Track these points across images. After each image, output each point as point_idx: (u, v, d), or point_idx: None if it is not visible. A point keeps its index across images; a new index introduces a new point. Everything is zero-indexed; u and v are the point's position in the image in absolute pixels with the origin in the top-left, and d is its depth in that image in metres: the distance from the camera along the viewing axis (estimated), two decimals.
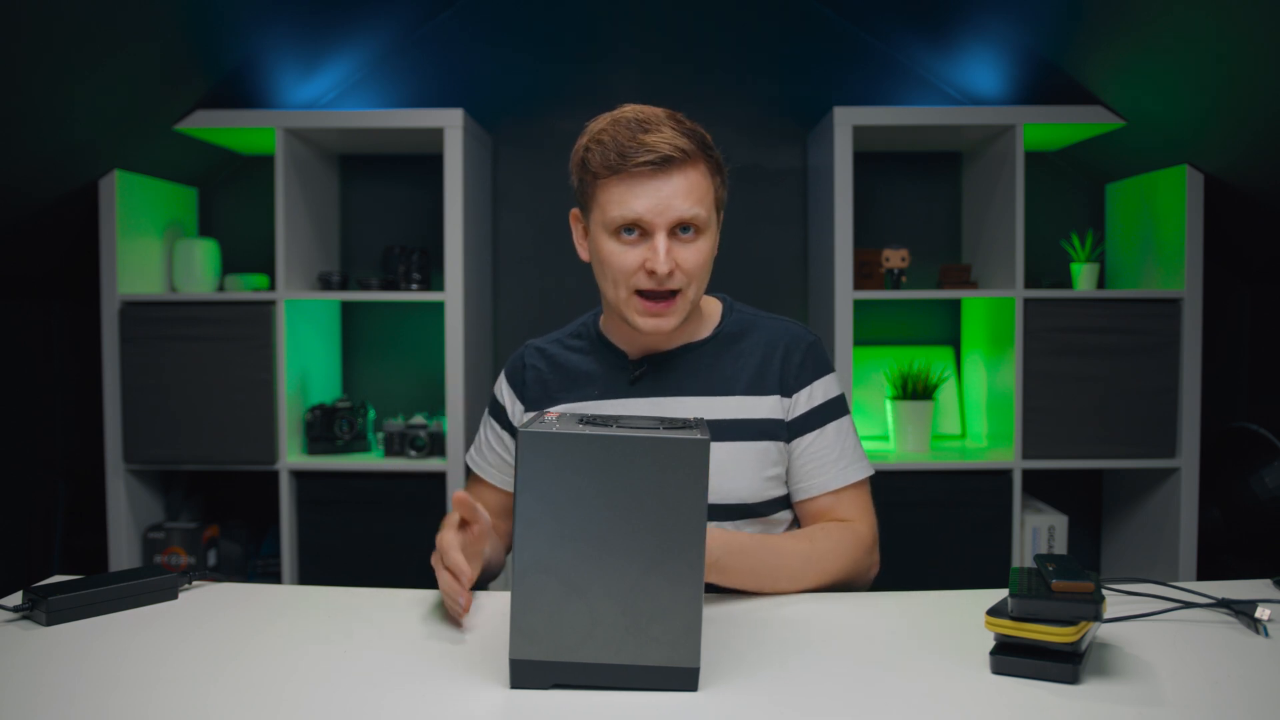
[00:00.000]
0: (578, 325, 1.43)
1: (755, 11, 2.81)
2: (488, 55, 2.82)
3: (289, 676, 0.95)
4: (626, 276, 1.24)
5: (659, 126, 1.21)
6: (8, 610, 1.11)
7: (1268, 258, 2.63)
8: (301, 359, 2.56)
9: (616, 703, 0.88)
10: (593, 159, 1.23)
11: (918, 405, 2.53)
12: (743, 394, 1.32)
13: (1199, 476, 2.42)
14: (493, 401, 1.44)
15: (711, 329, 1.37)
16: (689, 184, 1.22)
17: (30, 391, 2.66)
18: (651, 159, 1.19)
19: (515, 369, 1.42)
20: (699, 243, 1.24)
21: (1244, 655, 0.99)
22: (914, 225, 2.84)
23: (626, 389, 1.33)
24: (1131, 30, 2.03)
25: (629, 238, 1.23)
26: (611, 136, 1.22)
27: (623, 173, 1.21)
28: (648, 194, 1.21)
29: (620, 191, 1.22)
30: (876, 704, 0.88)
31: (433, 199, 2.77)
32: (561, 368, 1.38)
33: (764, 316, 1.40)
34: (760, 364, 1.33)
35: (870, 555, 1.34)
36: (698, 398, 1.31)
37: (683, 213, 1.21)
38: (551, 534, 0.88)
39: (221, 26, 2.18)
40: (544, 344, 1.43)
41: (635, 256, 1.23)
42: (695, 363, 1.33)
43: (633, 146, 1.20)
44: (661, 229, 1.22)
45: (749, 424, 1.31)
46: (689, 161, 1.22)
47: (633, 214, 1.21)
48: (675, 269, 1.23)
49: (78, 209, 2.39)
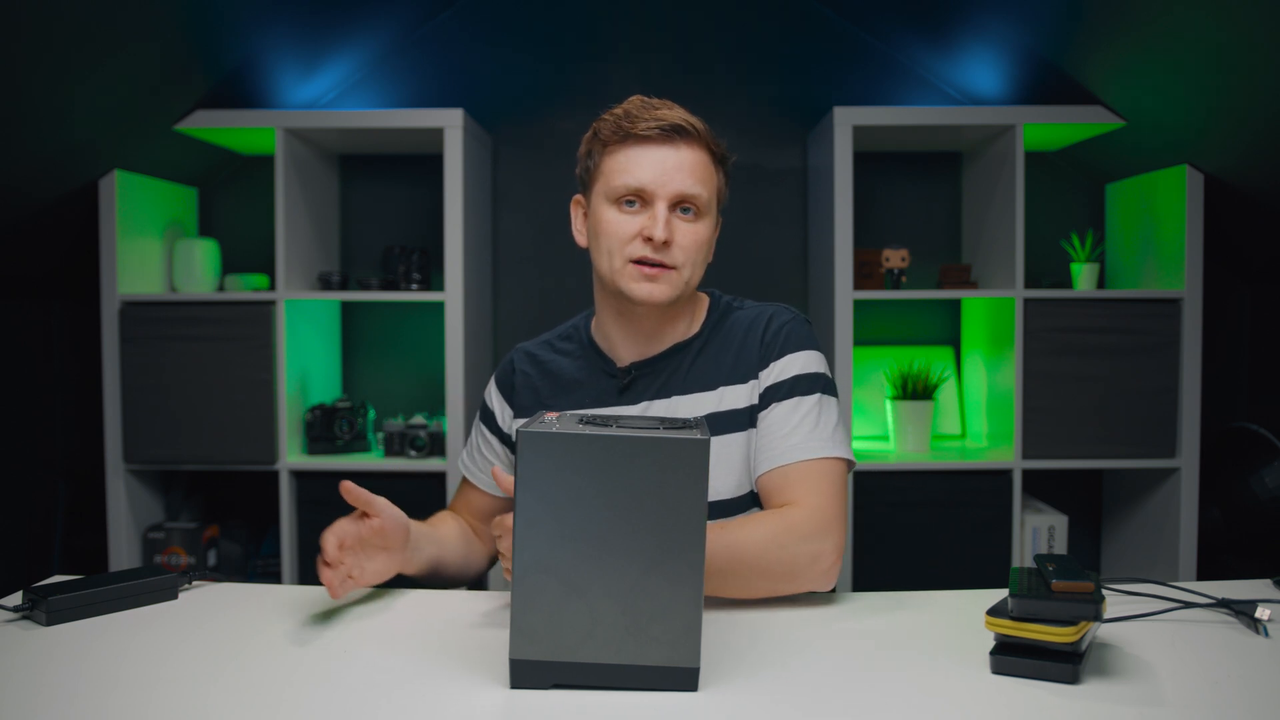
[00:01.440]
0: (568, 327, 1.43)
1: (755, 11, 2.81)
2: (488, 55, 2.82)
3: (289, 676, 0.95)
4: (623, 244, 1.25)
5: (671, 106, 1.27)
6: (8, 610, 1.11)
7: (1268, 258, 2.63)
8: (301, 359, 2.56)
9: (616, 703, 0.88)
10: (604, 128, 1.27)
11: (918, 405, 2.53)
12: (724, 385, 1.29)
13: (1199, 476, 2.42)
14: (483, 407, 1.44)
15: (698, 327, 1.35)
16: (694, 160, 1.24)
17: (30, 391, 2.66)
18: (660, 125, 1.23)
19: (505, 374, 1.42)
20: (698, 224, 1.26)
21: (1244, 655, 0.99)
22: (914, 225, 2.84)
23: (615, 397, 1.32)
24: (1131, 30, 2.03)
25: (630, 208, 1.25)
26: (624, 109, 1.27)
27: (631, 138, 1.24)
28: (653, 162, 1.23)
29: (625, 159, 1.24)
30: (876, 704, 0.88)
31: (433, 199, 2.77)
32: (550, 374, 1.37)
33: (750, 304, 1.38)
34: (738, 350, 1.31)
35: (809, 544, 1.14)
36: (684, 396, 1.30)
37: (685, 186, 1.23)
38: (551, 534, 0.88)
39: (221, 26, 2.18)
40: (533, 349, 1.42)
41: (634, 224, 1.25)
42: (681, 362, 1.32)
43: (644, 115, 1.24)
44: (663, 200, 1.23)
45: (731, 415, 1.28)
46: (696, 139, 1.25)
47: (635, 181, 1.24)
48: (673, 243, 1.24)
49: (78, 209, 2.39)
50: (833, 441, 1.24)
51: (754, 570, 1.13)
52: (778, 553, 1.13)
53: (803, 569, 1.14)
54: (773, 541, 1.13)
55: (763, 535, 1.14)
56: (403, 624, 1.11)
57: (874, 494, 2.43)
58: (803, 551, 1.14)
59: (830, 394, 1.28)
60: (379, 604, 1.19)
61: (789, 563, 1.13)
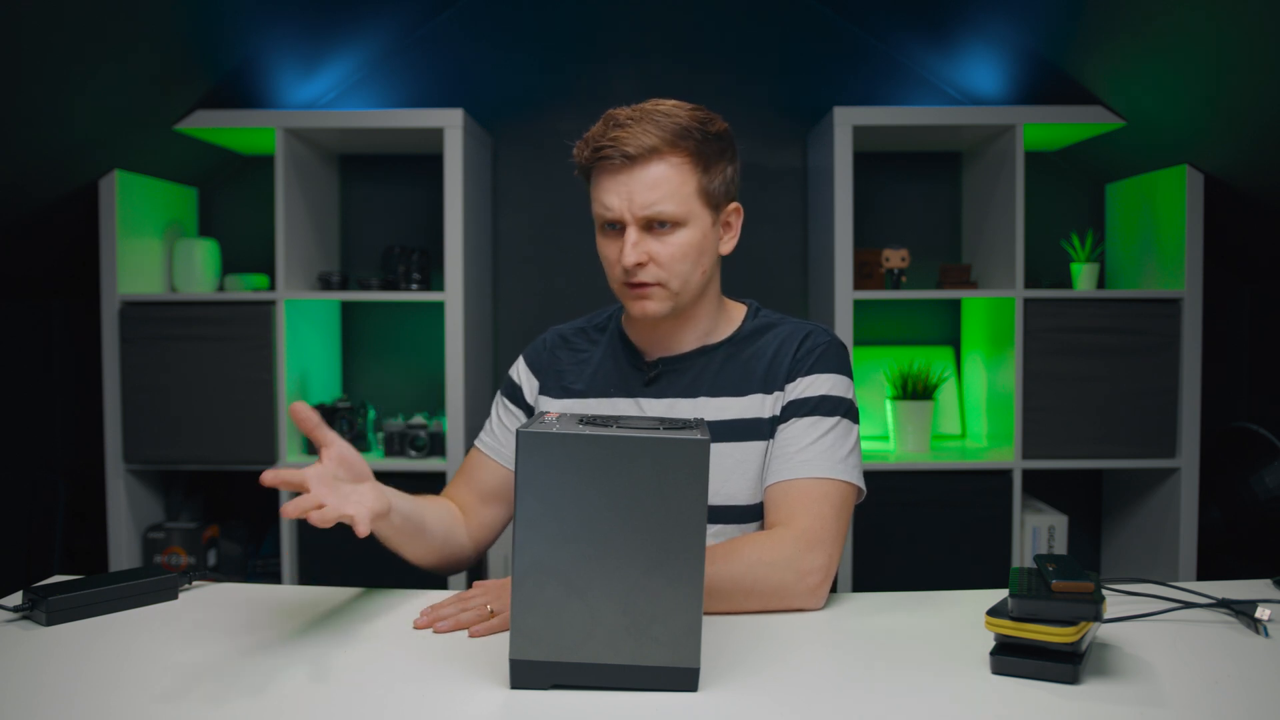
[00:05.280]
0: (603, 317, 1.44)
1: (755, 11, 2.81)
2: (488, 55, 2.82)
3: (289, 676, 0.95)
4: (612, 267, 1.28)
5: (638, 122, 1.23)
6: (8, 610, 1.11)
7: (1268, 258, 2.63)
8: (301, 359, 2.56)
9: (616, 703, 0.88)
10: (579, 154, 1.28)
11: (918, 405, 2.53)
12: (753, 393, 1.30)
13: (1199, 476, 2.42)
14: (508, 383, 1.43)
15: (730, 332, 1.36)
16: (654, 178, 1.22)
17: (30, 391, 2.66)
18: (612, 156, 1.22)
19: (537, 352, 1.43)
20: (676, 236, 1.25)
21: (1244, 655, 0.99)
22: (914, 225, 2.84)
23: (641, 389, 1.33)
24: (1131, 30, 2.03)
25: (612, 231, 1.27)
26: (594, 133, 1.26)
27: (596, 167, 1.25)
28: (616, 189, 1.24)
29: (597, 187, 1.26)
30: (876, 704, 0.88)
31: (433, 199, 2.77)
32: (581, 360, 1.39)
33: (788, 319, 1.38)
34: (771, 362, 1.31)
35: (797, 563, 1.14)
36: (711, 398, 1.30)
37: (648, 206, 1.23)
38: (551, 534, 0.88)
39: (221, 26, 2.18)
40: (569, 333, 1.43)
41: (616, 249, 1.27)
42: (709, 364, 1.33)
43: (603, 144, 1.23)
44: (631, 223, 1.24)
45: (755, 424, 1.29)
46: (656, 156, 1.22)
47: (603, 209, 1.25)
48: (649, 261, 1.25)
49: (78, 209, 2.39)
50: (843, 465, 1.24)
51: (740, 590, 1.13)
52: (765, 571, 1.14)
53: (790, 587, 1.14)
54: (759, 561, 1.14)
55: (751, 555, 1.15)
56: (403, 624, 1.11)
57: (874, 494, 2.40)
58: (790, 570, 1.14)
59: (852, 420, 1.29)
60: (379, 604, 1.19)
61: (775, 581, 1.14)
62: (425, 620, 1.10)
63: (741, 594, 1.13)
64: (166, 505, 2.65)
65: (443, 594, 1.21)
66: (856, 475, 1.25)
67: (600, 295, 2.51)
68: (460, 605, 1.11)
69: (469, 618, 1.09)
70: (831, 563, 1.17)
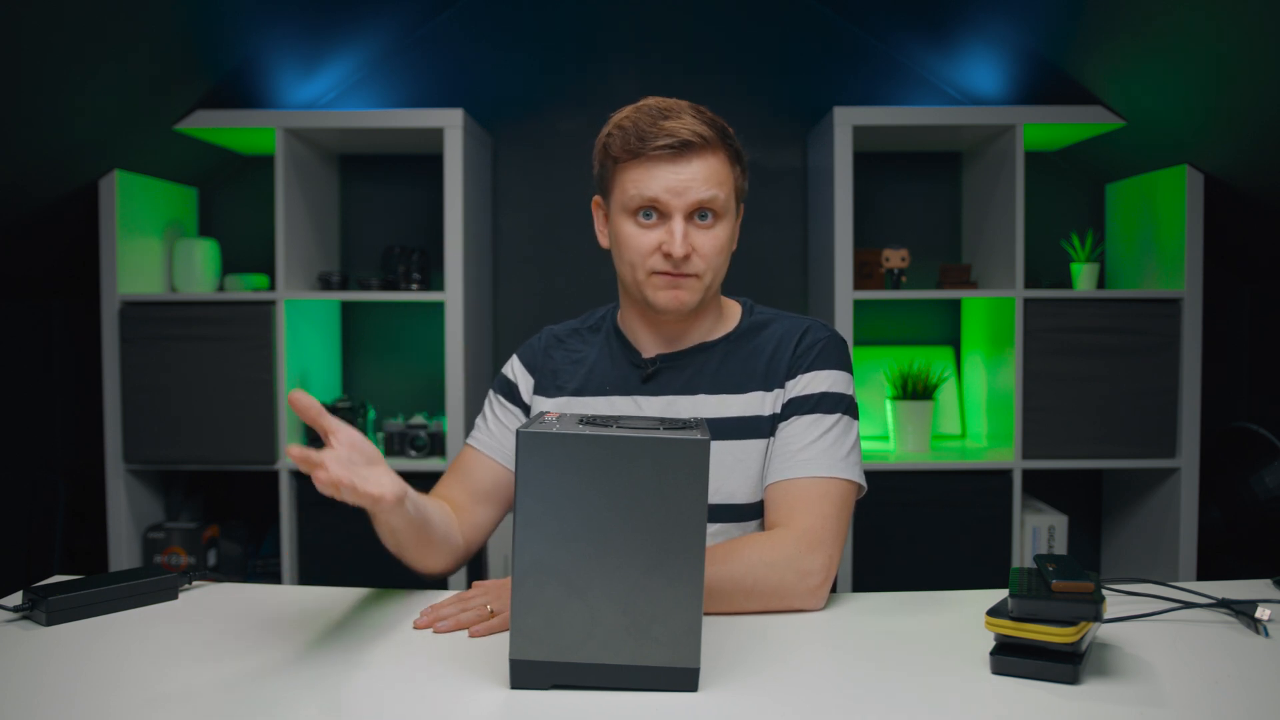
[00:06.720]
0: (596, 318, 1.44)
1: (755, 11, 2.81)
2: (488, 55, 2.82)
3: (289, 676, 0.95)
4: (644, 258, 1.26)
5: (680, 114, 1.24)
6: (8, 610, 1.11)
7: (1268, 258, 2.63)
8: (301, 359, 2.56)
9: (616, 703, 0.88)
10: (614, 144, 1.26)
11: (918, 405, 2.53)
12: (754, 391, 1.30)
13: (1199, 476, 2.42)
14: (502, 380, 1.43)
15: (728, 330, 1.36)
16: (708, 169, 1.24)
17: (30, 391, 2.66)
18: (670, 143, 1.22)
19: (532, 351, 1.42)
20: (716, 229, 1.26)
21: (1244, 655, 0.99)
22: (914, 225, 2.84)
23: (639, 386, 1.33)
24: (1131, 30, 2.03)
25: (647, 221, 1.26)
26: (633, 122, 1.25)
27: (642, 156, 1.23)
28: (666, 177, 1.23)
29: (639, 174, 1.24)
30: (876, 704, 0.88)
31: (433, 199, 2.77)
32: (575, 360, 1.39)
33: (784, 315, 1.38)
34: (771, 358, 1.31)
35: (797, 564, 1.14)
36: (709, 396, 1.30)
37: (700, 196, 1.23)
38: (551, 534, 0.88)
39: (221, 26, 2.18)
40: (562, 333, 1.43)
41: (653, 239, 1.25)
42: (707, 361, 1.33)
43: (653, 131, 1.22)
44: (679, 212, 1.23)
45: (755, 422, 1.29)
46: (708, 148, 1.24)
47: (651, 196, 1.23)
48: (692, 253, 1.25)
49: (78, 209, 2.39)
50: (845, 463, 1.24)
51: (740, 590, 1.13)
52: (765, 571, 1.13)
53: (790, 587, 1.14)
54: (760, 561, 1.14)
55: (751, 556, 1.14)
56: (403, 624, 1.11)
57: (874, 494, 2.41)
58: (791, 571, 1.14)
59: (852, 416, 1.29)
60: (379, 604, 1.19)
61: (776, 582, 1.14)
62: (425, 620, 1.10)
63: (742, 594, 1.13)
64: (166, 505, 2.65)
65: (443, 594, 1.21)
66: (857, 473, 1.25)
67: (600, 295, 2.51)
68: (460, 605, 1.12)
69: (469, 618, 1.09)
70: (832, 563, 1.17)
